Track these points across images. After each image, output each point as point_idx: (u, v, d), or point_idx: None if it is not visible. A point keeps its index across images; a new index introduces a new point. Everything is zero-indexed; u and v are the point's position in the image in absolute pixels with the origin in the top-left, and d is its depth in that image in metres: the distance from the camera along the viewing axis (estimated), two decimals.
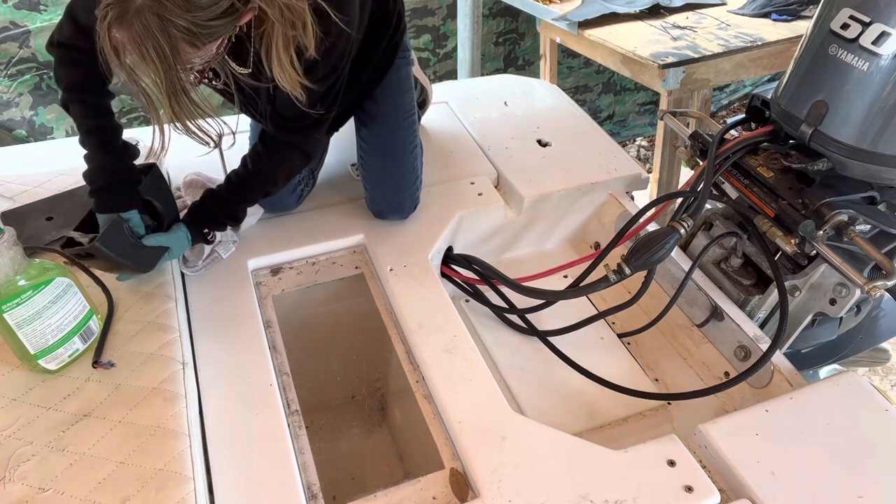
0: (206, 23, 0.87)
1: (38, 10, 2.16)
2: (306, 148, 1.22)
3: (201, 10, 0.86)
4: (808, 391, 1.08)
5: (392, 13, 1.30)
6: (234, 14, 0.90)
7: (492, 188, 1.51)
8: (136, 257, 1.12)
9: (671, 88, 2.20)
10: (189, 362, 1.08)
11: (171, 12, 0.83)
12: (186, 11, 0.84)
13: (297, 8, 0.94)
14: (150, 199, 1.14)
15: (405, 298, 1.23)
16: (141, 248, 1.11)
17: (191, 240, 1.18)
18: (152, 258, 1.14)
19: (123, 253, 1.09)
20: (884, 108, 1.01)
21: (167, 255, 1.15)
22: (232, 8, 0.89)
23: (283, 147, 1.20)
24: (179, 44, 0.87)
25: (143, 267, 1.15)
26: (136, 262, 1.13)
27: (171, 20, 0.84)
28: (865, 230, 1.11)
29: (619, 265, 1.16)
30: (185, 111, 0.94)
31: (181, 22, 0.85)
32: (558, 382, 1.30)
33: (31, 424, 0.96)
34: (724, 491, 0.96)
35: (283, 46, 0.98)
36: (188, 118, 0.96)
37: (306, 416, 1.07)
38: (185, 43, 0.88)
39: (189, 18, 0.85)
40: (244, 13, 0.92)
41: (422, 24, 2.82)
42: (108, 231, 1.06)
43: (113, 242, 1.06)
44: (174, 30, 0.85)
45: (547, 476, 0.94)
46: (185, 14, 0.84)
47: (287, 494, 0.92)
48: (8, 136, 2.29)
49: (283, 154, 1.21)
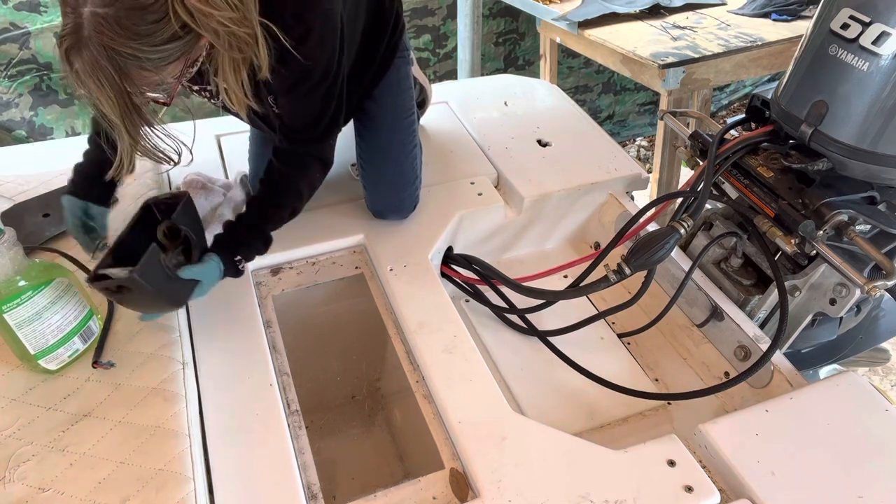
0: (151, 49, 0.88)
1: (39, 11, 2.17)
2: (323, 156, 1.21)
3: (144, 38, 0.87)
4: (808, 391, 1.08)
5: (390, 13, 1.30)
6: (181, 40, 0.90)
7: (492, 188, 1.51)
8: (170, 291, 1.04)
9: (671, 88, 2.20)
10: (189, 362, 1.08)
11: (114, 42, 0.85)
12: (129, 39, 0.86)
13: (240, 35, 0.94)
14: (185, 228, 1.06)
15: (405, 298, 1.23)
16: (176, 281, 1.03)
17: (223, 271, 1.11)
18: (185, 292, 1.06)
19: (160, 285, 1.00)
20: (884, 108, 1.01)
21: (198, 290, 1.07)
22: (175, 35, 0.89)
23: (301, 159, 1.18)
24: (130, 69, 0.88)
25: (177, 302, 1.08)
26: (169, 297, 1.05)
27: (115, 49, 0.86)
28: (865, 230, 1.11)
29: (619, 265, 1.16)
30: (139, 133, 0.96)
31: (125, 50, 0.86)
32: (558, 382, 1.30)
33: (31, 424, 0.96)
34: (724, 491, 0.96)
35: (231, 70, 0.99)
36: (142, 140, 0.97)
37: (306, 416, 1.07)
38: (136, 68, 0.89)
39: (133, 46, 0.86)
40: (198, 37, 0.92)
41: (422, 24, 2.82)
42: (146, 262, 0.96)
43: (150, 274, 0.97)
44: (119, 57, 0.87)
45: (547, 476, 0.94)
46: (128, 42, 0.86)
47: (287, 494, 0.92)
48: (8, 137, 2.29)
49: (303, 166, 1.19)
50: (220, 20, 0.90)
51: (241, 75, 1.00)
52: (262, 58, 0.99)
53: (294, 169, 1.19)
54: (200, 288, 1.08)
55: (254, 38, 0.96)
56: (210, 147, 1.59)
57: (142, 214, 1.08)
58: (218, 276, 1.11)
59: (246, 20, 0.94)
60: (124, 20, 0.85)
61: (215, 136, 1.63)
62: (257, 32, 0.96)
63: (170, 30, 0.88)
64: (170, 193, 1.12)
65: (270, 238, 1.20)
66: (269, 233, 1.20)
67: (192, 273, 1.05)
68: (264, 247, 1.19)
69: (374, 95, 1.34)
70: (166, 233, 1.06)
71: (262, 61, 1.00)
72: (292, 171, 1.19)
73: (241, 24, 0.93)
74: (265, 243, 1.19)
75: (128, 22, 0.85)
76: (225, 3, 0.90)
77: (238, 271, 1.14)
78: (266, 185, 1.19)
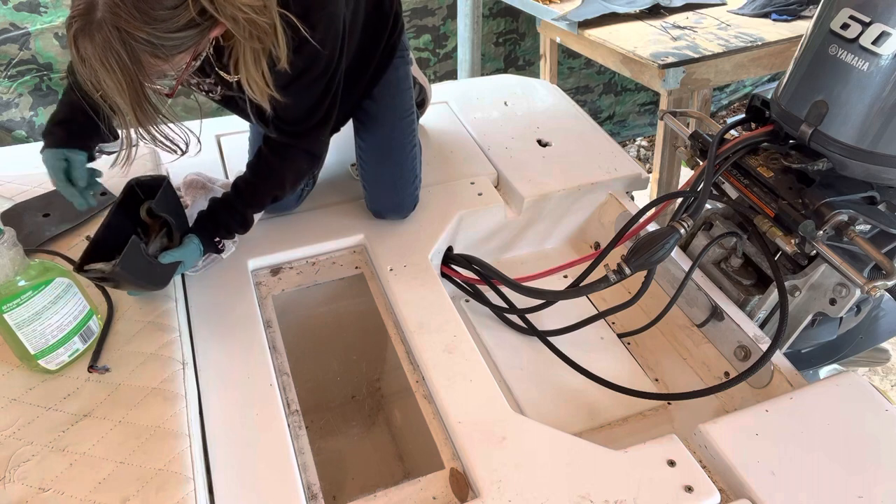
0: (167, 35, 0.88)
1: (39, 11, 2.17)
2: (313, 150, 1.22)
3: (160, 23, 0.86)
4: (808, 391, 1.08)
5: (389, 12, 1.30)
6: (197, 28, 0.90)
7: (492, 188, 1.51)
8: (153, 275, 1.11)
9: (671, 88, 2.20)
10: (189, 362, 1.08)
11: (130, 25, 0.84)
12: (145, 24, 0.85)
13: (260, 24, 0.94)
14: (164, 215, 1.12)
15: (405, 298, 1.23)
16: (157, 266, 1.10)
17: (202, 250, 1.17)
18: (167, 274, 1.14)
19: (141, 273, 1.08)
20: (884, 108, 1.01)
21: (180, 268, 1.15)
22: (192, 22, 0.89)
23: (289, 150, 1.20)
24: (142, 55, 0.88)
25: (160, 284, 1.14)
26: (152, 281, 1.12)
27: (130, 33, 0.85)
28: (865, 230, 1.11)
29: (619, 265, 1.16)
30: (150, 120, 0.95)
31: (141, 34, 0.85)
32: (558, 382, 1.30)
33: (31, 424, 0.96)
34: (724, 491, 0.96)
35: (252, 60, 0.99)
36: (153, 127, 0.97)
37: (306, 416, 1.07)
38: (148, 55, 0.88)
39: (148, 31, 0.86)
40: (212, 26, 0.92)
41: (422, 24, 2.82)
42: (127, 255, 1.02)
43: (132, 264, 1.04)
44: (134, 42, 0.86)
45: (547, 476, 0.94)
46: (144, 27, 0.85)
47: (287, 494, 0.92)
48: (8, 137, 2.29)
49: (290, 157, 1.20)
50: (241, 6, 0.90)
51: (262, 65, 1.00)
52: (280, 48, 0.99)
53: (281, 159, 1.20)
54: (182, 267, 1.16)
55: (272, 28, 0.96)
56: (210, 147, 1.59)
57: (125, 195, 1.13)
58: (198, 255, 1.17)
59: (266, 9, 0.94)
60: (142, 4, 0.84)
61: (215, 136, 1.63)
62: (276, 22, 0.96)
63: (187, 16, 0.88)
64: (151, 176, 1.15)
65: (251, 221, 1.23)
66: (250, 216, 1.22)
67: (173, 257, 1.12)
68: (243, 229, 1.23)
69: (373, 95, 1.34)
70: (149, 212, 1.13)
71: (280, 52, 1.00)
72: (279, 161, 1.20)
73: (262, 12, 0.93)
74: (244, 225, 1.23)
75: (145, 6, 0.84)
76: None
77: (218, 250, 1.21)
78: (252, 169, 1.21)
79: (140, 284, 1.11)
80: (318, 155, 1.24)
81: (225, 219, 1.20)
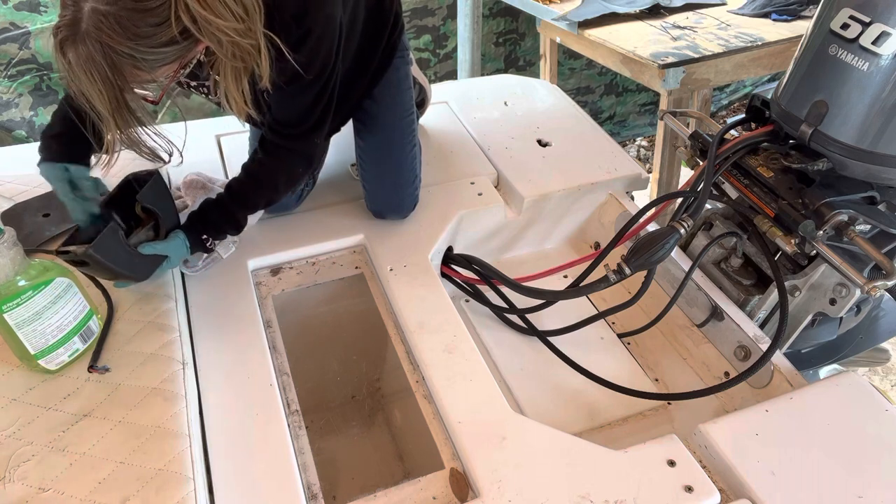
0: (149, 50, 0.88)
1: (39, 11, 2.17)
2: (307, 152, 1.22)
3: (143, 39, 0.87)
4: (808, 391, 1.08)
5: (389, 13, 1.30)
6: (179, 45, 0.91)
7: (492, 188, 1.51)
8: (132, 265, 1.10)
9: (671, 88, 2.20)
10: (189, 362, 1.08)
11: (112, 39, 0.85)
12: (128, 39, 0.86)
13: (244, 45, 0.94)
14: (151, 207, 1.12)
15: (405, 298, 1.23)
16: (137, 256, 1.09)
17: (189, 248, 1.16)
18: (149, 267, 1.13)
19: (118, 261, 1.07)
20: (884, 108, 1.01)
21: (166, 264, 1.14)
22: (175, 39, 0.89)
23: (283, 153, 1.19)
24: (124, 67, 0.89)
25: (140, 275, 1.13)
26: (131, 271, 1.11)
27: (112, 46, 0.86)
28: (865, 230, 1.11)
29: (619, 265, 1.16)
30: (129, 127, 0.96)
31: (123, 49, 0.87)
32: (558, 382, 1.30)
33: (31, 424, 0.96)
34: (724, 491, 0.96)
35: (233, 78, 0.99)
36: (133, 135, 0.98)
37: (306, 416, 1.07)
38: (130, 66, 0.89)
39: (131, 46, 0.87)
40: (197, 43, 0.92)
41: (422, 24, 2.82)
42: (102, 238, 1.03)
43: (107, 250, 1.04)
44: (115, 55, 0.87)
45: (547, 476, 0.94)
46: (126, 42, 0.86)
47: (287, 494, 0.92)
48: (8, 137, 2.29)
49: (285, 160, 1.20)
50: (224, 29, 0.90)
51: (243, 84, 1.01)
52: (263, 68, 1.00)
53: (276, 161, 1.19)
54: (169, 262, 1.14)
55: (257, 49, 0.97)
56: (210, 147, 1.59)
57: (121, 190, 1.13)
58: (184, 252, 1.16)
59: (250, 31, 0.94)
60: (125, 20, 0.85)
61: (215, 136, 1.63)
62: (261, 44, 0.97)
63: (169, 34, 0.89)
64: (148, 171, 1.15)
65: (243, 222, 1.22)
66: (242, 218, 1.21)
67: (154, 249, 1.10)
68: (235, 231, 1.22)
69: (373, 95, 1.34)
70: (144, 207, 1.13)
71: (263, 72, 1.00)
72: (274, 163, 1.20)
73: (245, 35, 0.94)
74: (236, 227, 1.22)
75: (128, 22, 0.85)
76: (230, 14, 0.90)
77: (207, 249, 1.19)
78: (247, 172, 1.21)
79: (117, 273, 1.10)
80: (313, 158, 1.24)
81: (215, 218, 1.19)
